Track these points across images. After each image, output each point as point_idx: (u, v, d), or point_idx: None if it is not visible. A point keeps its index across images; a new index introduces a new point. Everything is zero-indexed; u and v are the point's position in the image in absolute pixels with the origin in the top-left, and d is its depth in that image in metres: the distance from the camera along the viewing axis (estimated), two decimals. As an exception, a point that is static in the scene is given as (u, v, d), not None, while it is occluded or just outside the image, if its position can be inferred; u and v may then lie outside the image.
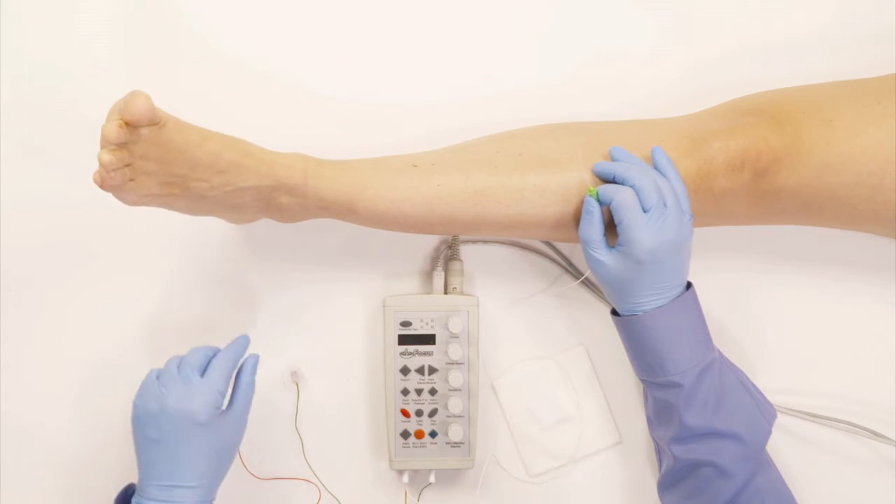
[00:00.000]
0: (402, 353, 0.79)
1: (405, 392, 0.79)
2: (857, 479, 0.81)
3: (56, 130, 0.83)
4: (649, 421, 0.76)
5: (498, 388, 0.83)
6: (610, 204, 0.67)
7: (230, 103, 0.83)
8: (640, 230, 0.66)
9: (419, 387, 0.79)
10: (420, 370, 0.79)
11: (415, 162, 0.73)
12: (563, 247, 0.83)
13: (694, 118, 0.75)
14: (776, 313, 0.82)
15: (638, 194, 0.67)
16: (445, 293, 0.81)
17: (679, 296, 0.69)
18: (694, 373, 0.68)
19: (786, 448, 0.81)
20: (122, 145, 0.61)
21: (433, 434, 0.79)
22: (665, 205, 0.67)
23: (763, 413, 0.70)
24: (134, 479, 0.71)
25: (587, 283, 0.83)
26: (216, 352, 0.72)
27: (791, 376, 0.82)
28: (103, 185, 0.62)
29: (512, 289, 0.83)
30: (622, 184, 0.68)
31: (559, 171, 0.70)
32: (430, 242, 0.84)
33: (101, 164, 0.60)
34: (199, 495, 0.69)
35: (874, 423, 0.80)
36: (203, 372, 0.70)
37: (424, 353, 0.79)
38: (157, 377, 0.70)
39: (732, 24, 0.83)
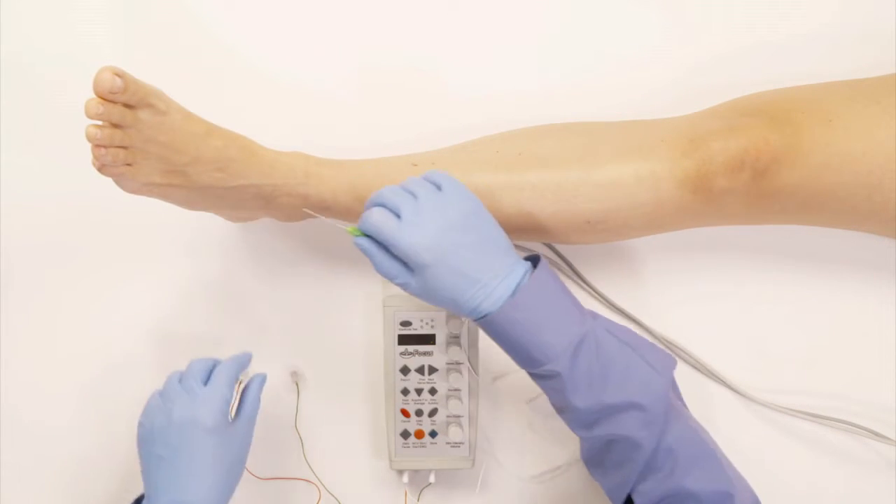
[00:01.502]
0: (402, 353, 0.79)
1: (405, 392, 0.79)
2: (857, 479, 0.81)
3: (57, 128, 0.83)
4: (555, 408, 0.70)
5: (498, 388, 0.83)
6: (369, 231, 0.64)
7: (231, 102, 0.82)
8: (402, 238, 0.62)
9: (419, 387, 0.79)
10: (420, 370, 0.79)
11: (415, 162, 0.73)
12: (563, 248, 0.83)
13: (694, 118, 0.75)
14: (776, 313, 0.82)
15: (386, 206, 0.64)
16: (445, 293, 0.81)
17: (522, 278, 0.64)
18: (566, 356, 0.63)
19: (786, 448, 0.81)
20: (116, 126, 0.61)
21: (433, 434, 0.79)
22: (416, 197, 0.64)
23: (657, 370, 0.65)
24: (133, 478, 0.71)
25: (587, 285, 0.83)
26: (216, 362, 0.72)
27: (791, 376, 0.82)
28: (99, 165, 0.63)
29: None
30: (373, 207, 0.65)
31: (559, 171, 0.70)
32: (430, 242, 0.84)
33: (87, 138, 0.61)
34: None
35: (874, 423, 0.80)
36: (206, 382, 0.70)
37: (424, 353, 0.79)
38: (160, 395, 0.70)
39: (732, 24, 0.83)
